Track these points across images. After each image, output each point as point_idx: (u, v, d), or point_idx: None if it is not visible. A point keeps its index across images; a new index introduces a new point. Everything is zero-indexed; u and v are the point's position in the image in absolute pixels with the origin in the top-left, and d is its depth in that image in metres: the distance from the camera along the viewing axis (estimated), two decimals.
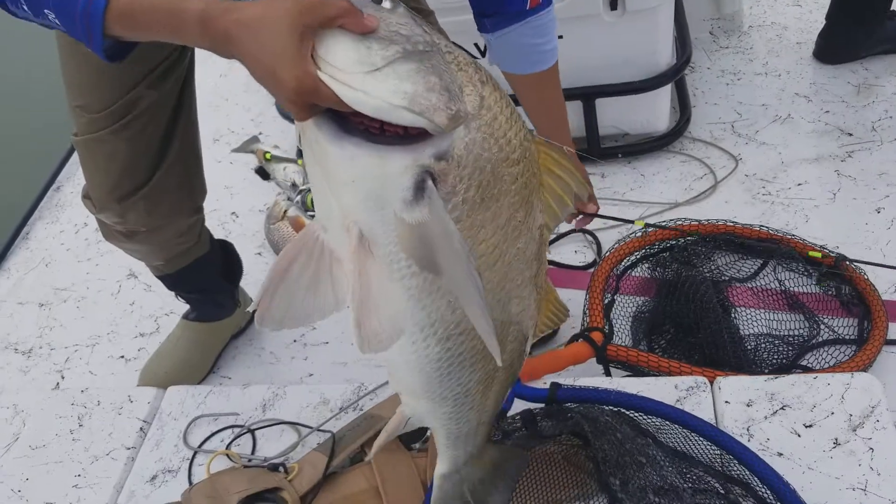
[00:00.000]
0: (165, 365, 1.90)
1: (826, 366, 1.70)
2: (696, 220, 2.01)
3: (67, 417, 1.64)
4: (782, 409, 1.42)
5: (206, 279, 1.87)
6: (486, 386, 0.99)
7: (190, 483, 1.47)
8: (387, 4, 0.83)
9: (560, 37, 2.14)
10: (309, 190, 2.26)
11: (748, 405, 1.43)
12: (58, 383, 2.01)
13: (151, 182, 1.58)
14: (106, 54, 1.02)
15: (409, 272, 0.83)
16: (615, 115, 2.31)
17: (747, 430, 1.40)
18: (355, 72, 0.76)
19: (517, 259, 0.89)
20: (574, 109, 2.28)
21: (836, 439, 1.36)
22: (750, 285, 1.91)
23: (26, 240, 2.50)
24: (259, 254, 2.27)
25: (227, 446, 1.52)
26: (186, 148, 1.63)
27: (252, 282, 2.17)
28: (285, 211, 2.23)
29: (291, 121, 2.39)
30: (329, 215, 0.84)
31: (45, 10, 1.00)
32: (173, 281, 1.85)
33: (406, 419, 1.05)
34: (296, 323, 0.85)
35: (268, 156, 2.45)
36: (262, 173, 2.46)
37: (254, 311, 0.84)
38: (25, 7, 1.02)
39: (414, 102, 0.75)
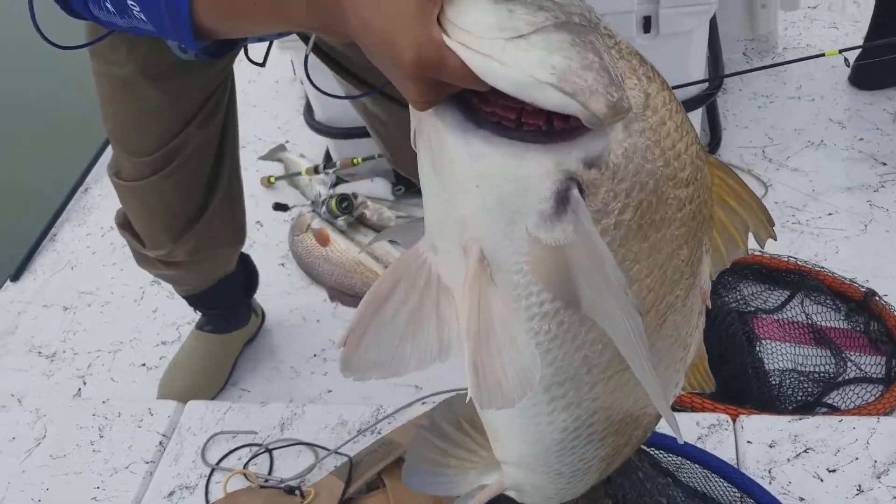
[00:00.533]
0: (184, 377, 1.91)
1: (852, 405, 1.67)
2: None
3: (88, 428, 1.65)
4: (805, 451, 1.40)
5: (229, 296, 1.88)
6: (608, 463, 0.85)
7: (207, 501, 1.48)
8: None
9: None
10: (333, 196, 2.25)
11: (771, 446, 1.41)
12: (79, 389, 2.02)
13: (203, 218, 1.59)
14: (203, 52, 0.93)
15: (540, 311, 0.67)
16: None
17: (769, 472, 1.38)
18: (493, 37, 0.59)
19: (674, 310, 0.72)
20: None
21: (860, 486, 1.34)
22: (776, 317, 1.88)
23: (53, 241, 2.52)
24: (282, 265, 2.28)
25: (245, 465, 1.52)
26: (233, 177, 1.64)
27: (274, 293, 2.17)
28: (309, 224, 2.24)
29: (319, 131, 2.39)
30: (442, 231, 0.68)
31: (130, 4, 0.86)
32: (198, 300, 1.87)
33: (503, 489, 0.93)
34: (387, 372, 0.71)
35: (289, 168, 2.45)
36: (282, 208, 2.46)
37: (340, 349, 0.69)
38: (109, 5, 0.89)
39: (565, 80, 0.58)
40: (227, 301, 1.90)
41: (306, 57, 1.47)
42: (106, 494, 1.51)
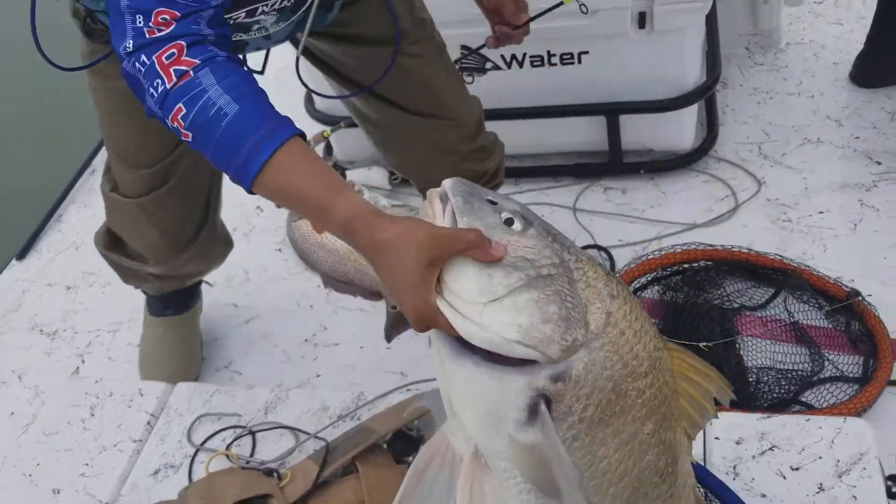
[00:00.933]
0: (163, 369, 1.94)
1: (826, 404, 1.69)
2: (712, 245, 2.01)
3: (81, 406, 1.70)
4: (771, 449, 1.43)
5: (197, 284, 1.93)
6: None
7: (190, 479, 1.53)
8: (517, 226, 0.86)
9: (586, 53, 2.16)
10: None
11: (738, 443, 1.44)
12: (77, 368, 2.09)
13: (207, 224, 1.64)
14: None
15: (526, 487, 0.83)
16: (640, 132, 2.30)
17: (734, 468, 1.41)
18: (475, 301, 0.80)
19: (648, 472, 0.86)
20: (598, 124, 2.28)
21: (821, 484, 1.37)
22: (759, 314, 1.90)
23: (59, 222, 2.59)
24: (279, 250, 2.32)
25: (228, 447, 1.57)
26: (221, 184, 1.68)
27: (270, 278, 2.22)
28: None
29: (320, 120, 2.42)
30: (453, 423, 0.87)
31: (202, 149, 1.04)
32: (167, 296, 1.91)
33: None
34: None
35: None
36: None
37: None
38: (191, 138, 1.04)
39: (528, 336, 0.78)
40: (194, 287, 1.95)
41: (297, 59, 1.50)
42: (94, 471, 1.57)
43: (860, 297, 1.85)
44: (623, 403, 0.82)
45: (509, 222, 0.86)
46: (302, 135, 1.04)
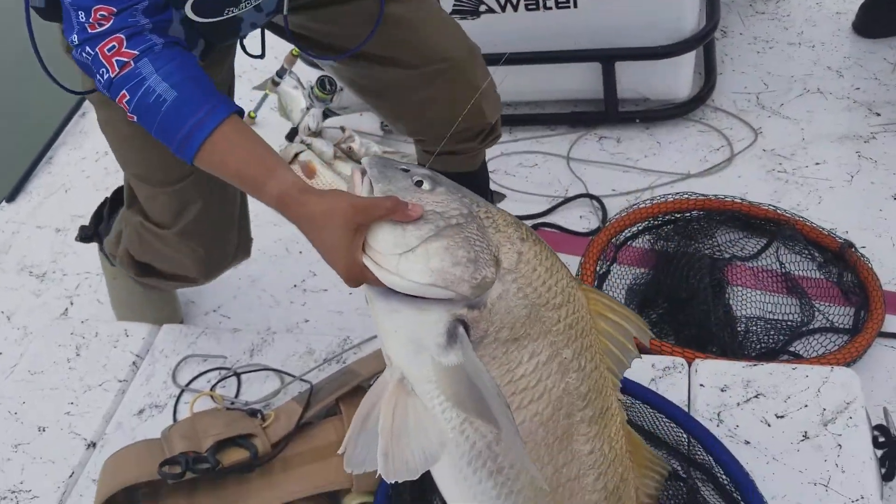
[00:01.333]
0: (146, 317, 1.90)
1: (815, 354, 1.68)
2: (705, 195, 1.98)
3: (66, 346, 1.70)
4: (756, 397, 1.42)
5: None
6: None
7: (174, 419, 1.53)
8: (427, 186, 0.96)
9: None
10: (315, 83, 2.26)
11: (723, 390, 1.44)
12: (66, 309, 2.08)
13: (244, 231, 1.67)
14: None
15: (448, 406, 0.91)
16: (635, 80, 2.26)
17: (718, 415, 1.40)
18: (392, 254, 0.91)
19: (570, 395, 0.94)
20: (593, 71, 2.24)
21: (806, 432, 1.36)
22: (750, 265, 1.89)
23: (49, 164, 2.56)
24: None
25: (212, 388, 1.57)
26: None
27: (261, 223, 2.18)
28: (296, 154, 2.24)
29: (314, 66, 2.37)
30: (388, 363, 0.96)
31: (148, 129, 1.18)
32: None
33: None
34: (373, 465, 0.90)
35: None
36: (291, 136, 2.43)
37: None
38: (136, 119, 1.18)
39: (440, 278, 0.89)
40: None
41: (286, 17, 1.46)
42: (79, 410, 1.57)
43: (853, 249, 1.84)
44: (540, 328, 0.92)
45: (419, 184, 0.97)
46: (240, 112, 1.17)
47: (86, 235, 1.91)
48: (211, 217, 1.57)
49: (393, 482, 0.94)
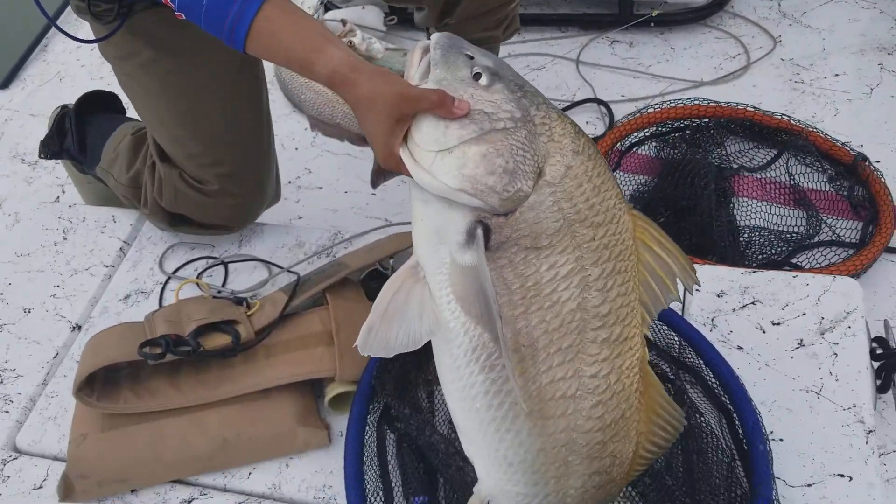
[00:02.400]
0: None
1: (817, 266, 1.64)
2: (717, 102, 1.91)
3: (53, 230, 1.67)
4: (753, 303, 1.38)
5: None
6: (559, 468, 0.95)
7: (160, 305, 1.51)
8: (484, 81, 0.93)
9: None
10: None
11: (719, 295, 1.40)
12: (58, 197, 2.05)
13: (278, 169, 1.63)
14: None
15: (453, 298, 0.92)
16: None
17: (711, 320, 1.37)
18: (429, 150, 0.90)
19: (584, 311, 0.91)
20: None
21: (802, 340, 1.33)
22: (758, 176, 1.83)
23: (44, 52, 2.49)
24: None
25: (199, 276, 1.54)
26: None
27: None
28: None
29: None
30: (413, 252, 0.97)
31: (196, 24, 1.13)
32: None
33: (485, 501, 1.00)
34: (389, 351, 0.93)
35: None
36: None
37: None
38: (184, 17, 1.14)
39: (471, 185, 0.87)
40: None
41: None
42: (65, 293, 1.55)
43: (867, 162, 1.77)
44: (569, 242, 0.90)
45: (477, 76, 0.93)
46: None
47: (52, 153, 1.77)
48: (248, 167, 1.52)
49: (367, 355, 0.94)
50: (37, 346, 1.47)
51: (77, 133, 1.72)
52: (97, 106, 1.75)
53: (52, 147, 1.77)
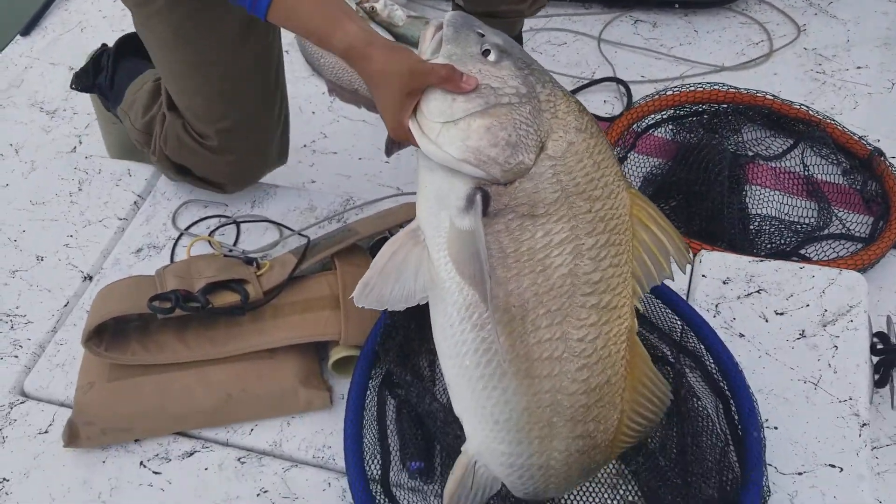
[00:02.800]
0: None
1: (825, 258, 1.64)
2: (736, 88, 1.90)
3: (69, 180, 1.69)
4: (758, 292, 1.39)
5: None
6: (543, 428, 0.98)
7: (171, 261, 1.53)
8: (492, 57, 0.97)
9: None
10: None
11: (724, 282, 1.41)
12: (75, 147, 2.06)
13: (284, 132, 1.64)
14: None
15: (450, 261, 0.96)
16: None
17: (715, 306, 1.38)
18: (435, 121, 0.94)
19: (575, 277, 0.95)
20: None
21: (804, 331, 1.34)
22: (773, 165, 1.82)
23: (66, 0, 2.49)
24: (286, 52, 2.21)
25: (211, 233, 1.56)
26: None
27: None
28: None
29: None
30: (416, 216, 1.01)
31: None
32: None
33: (472, 462, 1.03)
34: (384, 306, 0.99)
35: None
36: None
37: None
38: None
39: (475, 156, 0.92)
40: None
41: None
42: (78, 243, 1.57)
43: (883, 157, 1.76)
44: (565, 212, 0.94)
45: (486, 53, 0.97)
46: None
47: (84, 86, 1.83)
48: (250, 128, 1.53)
49: (361, 305, 1.00)
50: (48, 294, 1.49)
51: (112, 70, 1.77)
52: (135, 50, 1.76)
53: (84, 80, 1.83)
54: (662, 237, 0.96)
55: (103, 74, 1.79)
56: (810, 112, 1.84)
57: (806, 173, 1.79)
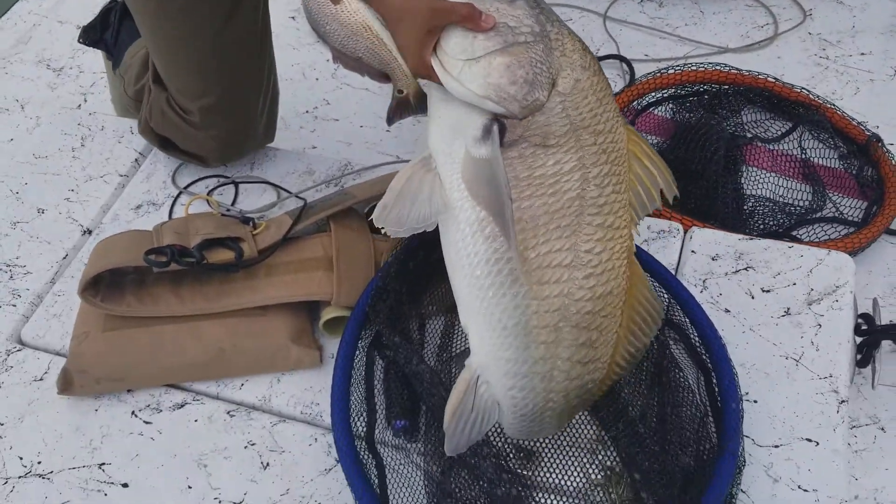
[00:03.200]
0: None
1: (817, 241, 1.65)
2: (738, 69, 1.90)
3: (72, 135, 1.71)
4: (746, 269, 1.41)
5: None
6: (550, 333, 1.03)
7: (169, 218, 1.55)
8: None
9: None
10: None
11: (713, 259, 1.42)
12: (80, 105, 2.07)
13: (272, 111, 1.64)
14: None
15: (464, 188, 1.00)
16: None
17: (703, 281, 1.40)
18: (457, 59, 0.98)
19: (583, 199, 1.01)
20: None
21: (789, 309, 1.36)
22: (771, 147, 1.83)
23: None
24: (293, 17, 2.24)
25: (209, 192, 1.58)
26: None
27: (280, 45, 2.13)
28: None
29: None
30: (425, 146, 1.05)
31: None
32: None
33: (475, 377, 1.06)
34: (403, 230, 1.02)
35: None
36: None
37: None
38: None
39: (495, 93, 0.96)
40: None
41: None
42: (79, 197, 1.59)
43: (880, 143, 1.77)
44: (573, 144, 1.00)
45: None
46: None
47: (91, 41, 1.84)
48: (233, 106, 1.53)
49: (380, 228, 1.02)
50: (47, 246, 1.51)
51: (117, 29, 1.78)
52: None
53: (91, 35, 1.84)
54: (654, 170, 1.03)
55: (110, 31, 1.81)
56: (811, 96, 1.85)
57: (803, 156, 1.80)
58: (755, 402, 1.25)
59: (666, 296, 1.32)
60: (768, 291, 1.38)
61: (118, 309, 1.32)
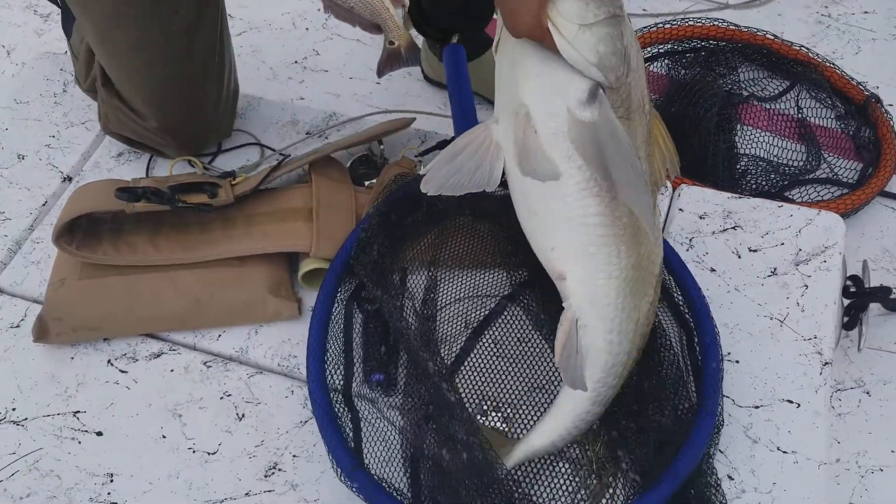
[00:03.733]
0: None
1: (809, 201, 1.63)
2: (737, 25, 1.86)
3: (55, 81, 1.68)
4: (733, 228, 1.38)
5: None
6: (647, 278, 1.08)
7: (147, 173, 1.52)
8: None
9: None
10: None
11: (701, 217, 1.40)
12: (65, 51, 2.03)
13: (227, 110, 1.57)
14: None
15: (572, 147, 1.01)
16: None
17: (689, 240, 1.37)
18: (573, 22, 0.96)
19: (645, 175, 1.04)
20: None
21: (775, 269, 1.34)
22: (767, 106, 1.80)
23: None
24: None
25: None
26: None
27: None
28: None
29: None
30: (505, 107, 1.04)
31: None
32: None
33: (575, 319, 1.07)
34: (449, 192, 1.02)
35: None
36: None
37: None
38: None
39: (601, 62, 0.97)
40: None
41: None
42: (59, 144, 1.57)
43: (879, 104, 1.74)
44: (638, 120, 1.04)
45: None
46: None
47: None
48: (190, 114, 1.48)
49: (427, 192, 1.02)
50: (27, 193, 1.49)
51: None
52: None
53: None
54: (666, 153, 1.08)
55: None
56: (810, 54, 1.81)
57: (799, 116, 1.77)
58: (737, 362, 1.23)
59: None
60: (755, 251, 1.36)
61: (93, 256, 1.30)
